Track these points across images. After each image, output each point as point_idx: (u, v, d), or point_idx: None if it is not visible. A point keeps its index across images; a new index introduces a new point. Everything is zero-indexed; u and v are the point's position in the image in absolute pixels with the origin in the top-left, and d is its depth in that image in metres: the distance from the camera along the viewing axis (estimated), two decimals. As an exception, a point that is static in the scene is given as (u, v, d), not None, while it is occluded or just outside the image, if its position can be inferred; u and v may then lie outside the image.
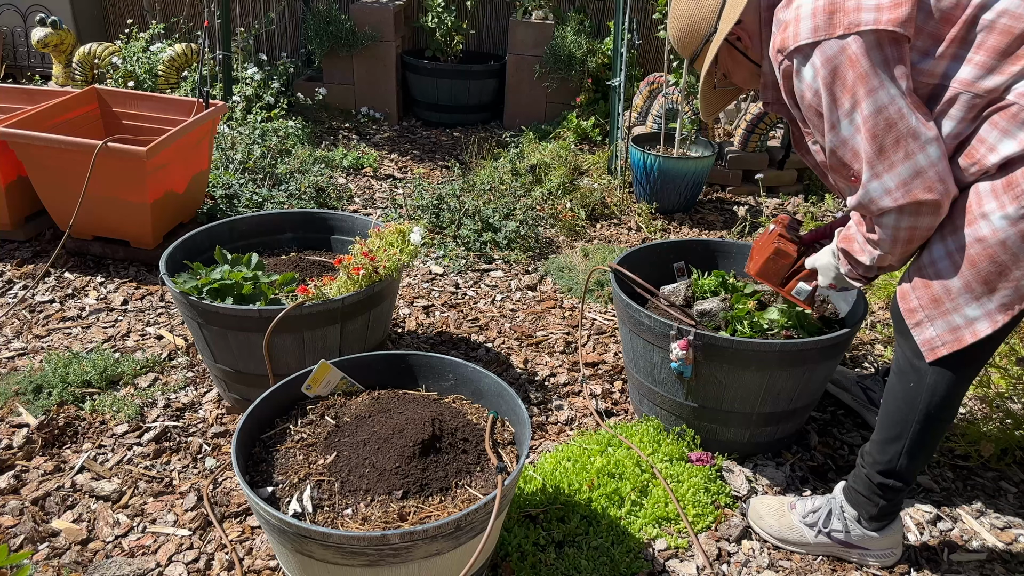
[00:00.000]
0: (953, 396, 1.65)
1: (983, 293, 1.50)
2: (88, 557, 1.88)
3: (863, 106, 1.45)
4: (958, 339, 1.55)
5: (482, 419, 1.85)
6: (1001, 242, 1.45)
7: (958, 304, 1.54)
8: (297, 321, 2.09)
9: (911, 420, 1.69)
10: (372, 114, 5.36)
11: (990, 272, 1.48)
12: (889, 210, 1.50)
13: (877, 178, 1.48)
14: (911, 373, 1.67)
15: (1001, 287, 1.49)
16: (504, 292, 3.21)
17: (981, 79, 1.43)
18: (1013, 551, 2.01)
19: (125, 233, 3.14)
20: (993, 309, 1.50)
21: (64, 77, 4.81)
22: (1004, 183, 1.44)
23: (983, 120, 1.46)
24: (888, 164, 1.46)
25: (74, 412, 2.34)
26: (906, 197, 1.47)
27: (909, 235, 1.54)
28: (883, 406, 1.77)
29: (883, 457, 1.76)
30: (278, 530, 1.48)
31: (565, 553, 1.89)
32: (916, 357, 1.65)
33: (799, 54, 1.49)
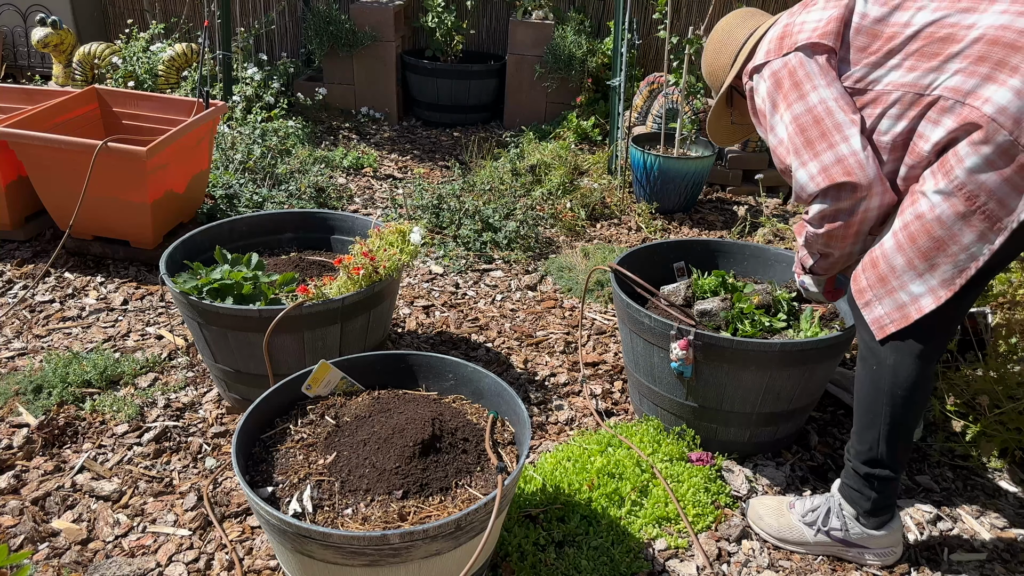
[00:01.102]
0: (917, 376, 1.69)
1: (925, 269, 1.59)
2: (88, 557, 1.88)
3: (795, 106, 1.69)
4: (904, 316, 1.64)
5: (482, 419, 1.85)
6: (937, 217, 1.55)
7: (903, 281, 1.63)
8: (297, 321, 2.09)
9: (881, 404, 1.74)
10: (372, 114, 5.36)
11: (929, 248, 1.58)
12: (814, 194, 1.68)
13: (803, 167, 1.68)
14: (871, 358, 1.74)
15: (941, 262, 1.58)
16: (504, 292, 3.21)
17: (912, 79, 1.59)
18: (1013, 551, 2.01)
19: (125, 233, 3.14)
20: (936, 285, 1.59)
21: (64, 77, 4.81)
22: (938, 164, 1.56)
23: (921, 117, 1.59)
24: (813, 154, 1.66)
25: (74, 412, 2.34)
26: (826, 180, 1.64)
27: (834, 216, 1.69)
28: (855, 395, 1.82)
29: (863, 446, 1.80)
30: (278, 530, 1.48)
31: (565, 553, 1.89)
32: (872, 340, 1.72)
33: (756, 73, 1.80)
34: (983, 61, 1.50)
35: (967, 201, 1.52)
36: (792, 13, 1.80)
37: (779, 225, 3.72)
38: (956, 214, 1.53)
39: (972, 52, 1.52)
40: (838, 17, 1.68)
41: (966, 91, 1.51)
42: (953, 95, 1.53)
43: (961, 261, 1.56)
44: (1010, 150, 1.47)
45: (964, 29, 1.55)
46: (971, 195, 1.51)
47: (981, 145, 1.49)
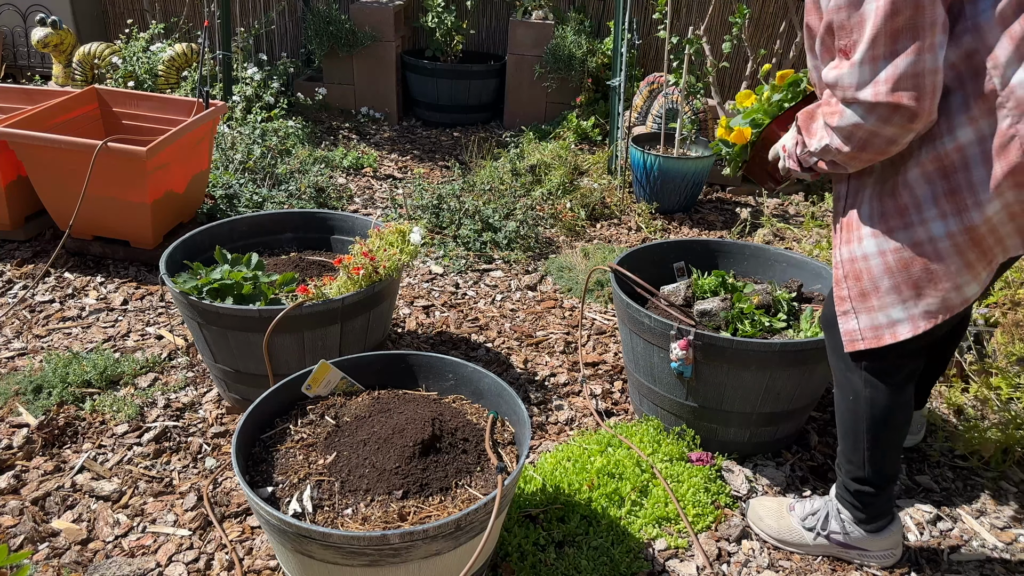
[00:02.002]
0: (893, 405, 1.68)
1: (910, 297, 1.51)
2: (88, 557, 1.88)
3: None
4: (877, 337, 1.57)
5: (482, 419, 1.85)
6: (937, 251, 1.46)
7: (884, 303, 1.55)
8: (297, 321, 2.10)
9: (861, 431, 1.72)
10: (372, 114, 5.36)
11: (920, 278, 1.49)
12: (862, 102, 1.34)
13: (871, 62, 1.31)
14: (847, 387, 1.72)
15: (929, 295, 1.50)
16: (504, 292, 3.21)
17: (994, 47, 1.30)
18: (1013, 551, 2.01)
19: (125, 233, 3.14)
20: (917, 315, 1.52)
21: (64, 77, 4.81)
22: (947, 190, 1.42)
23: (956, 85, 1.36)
24: (890, 51, 1.29)
25: (74, 412, 2.34)
26: (888, 96, 1.31)
27: (866, 139, 1.39)
28: (837, 419, 1.80)
29: (851, 467, 1.80)
30: (278, 530, 1.48)
31: (565, 553, 1.89)
32: (847, 368, 1.69)
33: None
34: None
35: (976, 243, 1.43)
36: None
37: (779, 225, 3.72)
38: (959, 252, 1.44)
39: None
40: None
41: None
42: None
43: (950, 298, 1.49)
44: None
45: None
46: (986, 234, 1.41)
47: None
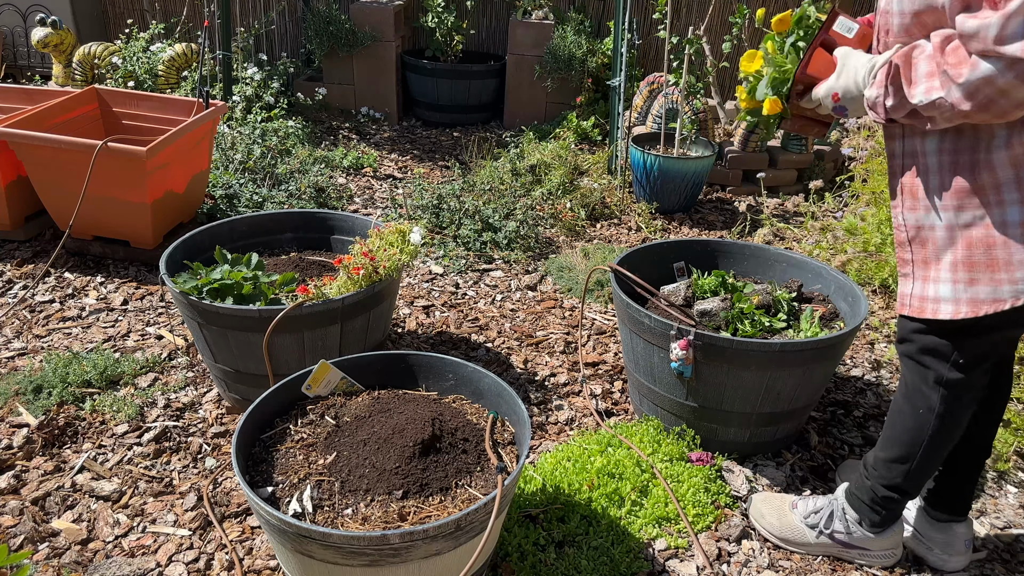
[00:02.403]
0: (962, 419, 1.64)
1: (962, 280, 1.46)
2: (88, 557, 1.88)
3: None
4: (920, 308, 1.53)
5: (482, 419, 1.85)
6: (1005, 237, 1.39)
7: (938, 276, 1.50)
8: (297, 321, 2.10)
9: (919, 445, 1.68)
10: (372, 114, 5.36)
11: (980, 262, 1.43)
12: (1006, 56, 1.19)
13: (1018, 15, 1.16)
14: (920, 400, 1.65)
15: (982, 281, 1.43)
16: (504, 292, 3.21)
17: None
18: (1013, 551, 2.01)
19: (125, 233, 3.14)
20: (964, 299, 1.46)
21: (64, 77, 4.81)
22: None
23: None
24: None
25: (74, 412, 2.34)
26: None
27: (993, 98, 1.25)
28: (890, 426, 1.74)
29: (889, 474, 1.76)
30: (278, 530, 1.48)
31: (565, 553, 1.89)
32: (924, 383, 1.63)
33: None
34: None
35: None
36: None
37: (779, 225, 3.72)
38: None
39: None
40: None
41: None
42: None
43: (1002, 291, 1.42)
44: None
45: None
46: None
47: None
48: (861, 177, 3.39)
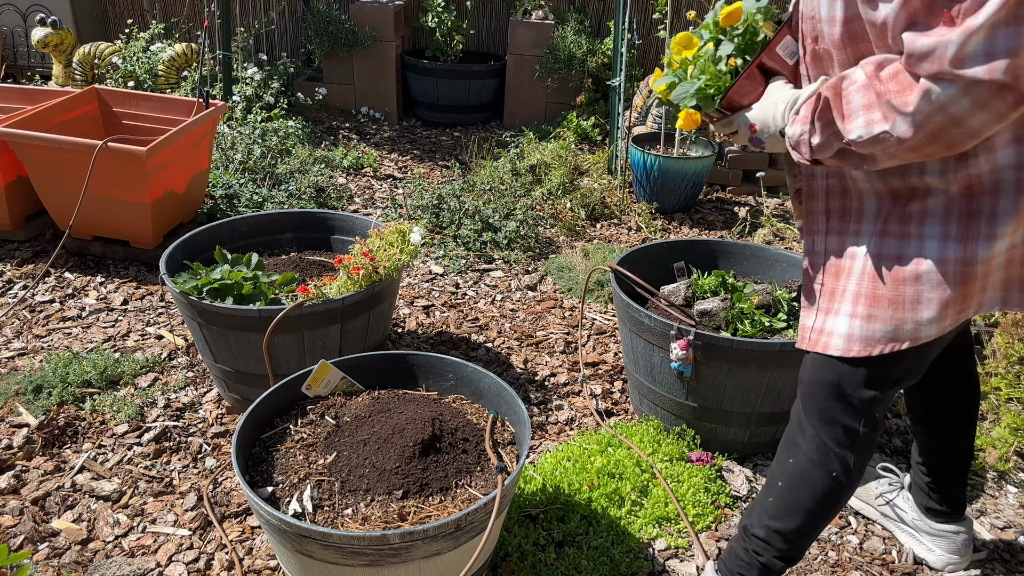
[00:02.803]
0: (865, 467, 1.48)
1: (861, 315, 1.32)
2: (88, 557, 1.88)
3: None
4: (813, 340, 1.40)
5: (482, 419, 1.85)
6: (917, 273, 1.25)
7: (839, 308, 1.36)
8: (297, 321, 2.09)
9: (829, 508, 1.51)
10: (372, 114, 5.36)
11: (882, 296, 1.29)
12: (963, 78, 1.03)
13: (990, 29, 0.99)
14: (833, 459, 1.47)
15: (880, 318, 1.29)
16: (504, 292, 3.21)
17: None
18: (1013, 551, 2.01)
19: (125, 233, 3.14)
20: (857, 335, 1.32)
21: (64, 77, 4.81)
22: (964, 211, 1.20)
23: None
24: (1016, 15, 0.98)
25: (74, 412, 2.34)
26: (1007, 74, 1.00)
27: (944, 127, 1.09)
28: (790, 493, 1.51)
29: (786, 546, 1.55)
30: (278, 530, 1.48)
31: (565, 553, 1.89)
32: (833, 438, 1.45)
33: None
34: None
35: (964, 281, 1.22)
36: None
37: (779, 225, 3.72)
38: (941, 284, 1.23)
39: None
40: None
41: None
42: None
43: (903, 329, 1.28)
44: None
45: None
46: (979, 275, 1.21)
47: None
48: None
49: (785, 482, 1.52)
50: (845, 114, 1.18)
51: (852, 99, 1.17)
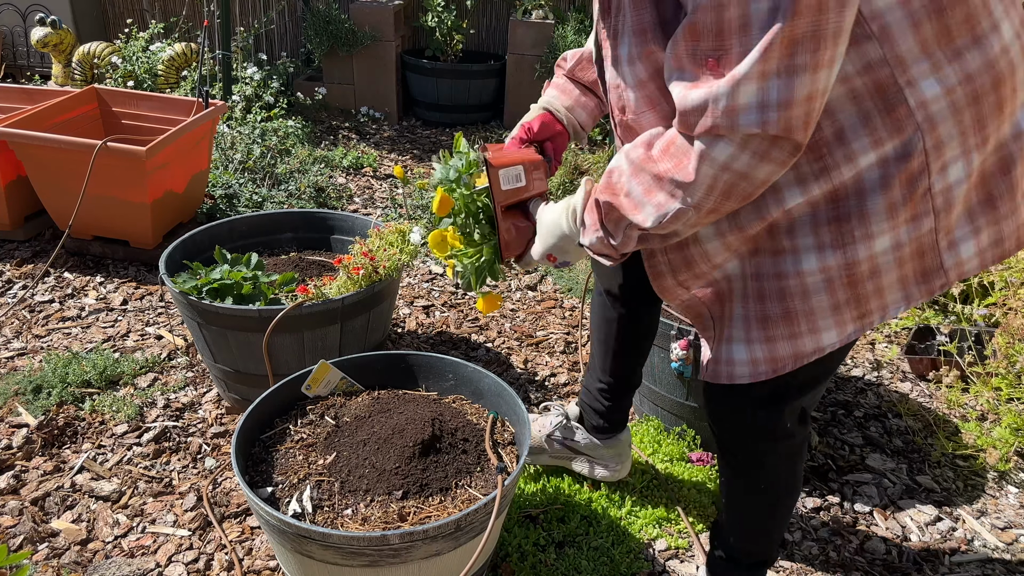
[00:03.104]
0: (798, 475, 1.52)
1: (759, 339, 1.24)
2: (88, 557, 1.87)
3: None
4: (717, 373, 1.31)
5: (482, 419, 1.84)
6: (803, 286, 1.17)
7: (732, 335, 1.27)
8: (297, 321, 2.09)
9: (786, 513, 1.59)
10: (372, 114, 5.36)
11: (773, 314, 1.21)
12: (739, 133, 0.98)
13: (760, 79, 0.94)
14: (772, 475, 1.51)
15: (779, 339, 1.22)
16: (504, 292, 3.21)
17: (905, 43, 1.01)
18: (1014, 551, 2.01)
19: (125, 233, 3.14)
20: (761, 358, 1.25)
21: (64, 77, 4.81)
22: (833, 217, 1.13)
23: (854, 100, 1.05)
24: (787, 64, 0.93)
25: (74, 412, 2.34)
26: (777, 127, 0.96)
27: (733, 184, 1.04)
28: (748, 518, 1.60)
29: (768, 551, 1.66)
30: (278, 530, 1.48)
31: (565, 553, 1.89)
32: (767, 454, 1.47)
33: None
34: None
35: (852, 283, 1.17)
36: None
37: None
38: (829, 290, 1.17)
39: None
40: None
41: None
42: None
43: (802, 344, 1.22)
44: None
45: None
46: (866, 275, 1.16)
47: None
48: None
49: (742, 513, 1.59)
50: (629, 208, 1.14)
51: (630, 192, 1.13)
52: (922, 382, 2.69)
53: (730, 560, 1.67)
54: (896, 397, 2.61)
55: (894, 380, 2.71)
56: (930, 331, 2.71)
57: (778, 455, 1.45)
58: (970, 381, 2.46)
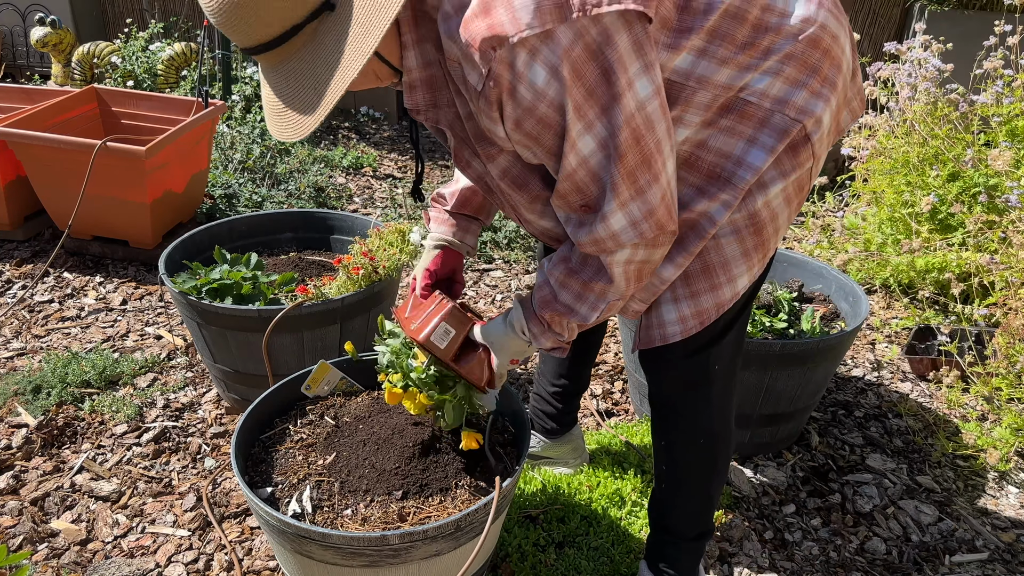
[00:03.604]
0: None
1: (685, 295, 1.36)
2: (87, 557, 1.87)
3: (614, 113, 1.09)
4: (650, 338, 1.41)
5: (481, 419, 1.84)
6: (716, 241, 1.31)
7: (659, 299, 1.39)
8: (297, 321, 2.09)
9: (721, 475, 1.62)
10: (372, 113, 5.35)
11: (695, 272, 1.34)
12: (627, 246, 1.19)
13: (623, 207, 1.14)
14: (703, 433, 1.55)
15: (703, 292, 1.34)
16: (504, 292, 3.21)
17: (720, 74, 1.19)
18: (1014, 551, 2.01)
19: (124, 233, 3.14)
20: (688, 314, 1.37)
21: (63, 76, 4.80)
22: (753, 229, 1.30)
23: (715, 126, 1.22)
24: (636, 188, 1.14)
25: (73, 412, 2.33)
26: (654, 229, 1.17)
27: (640, 270, 1.25)
28: (685, 488, 1.62)
29: (706, 522, 1.67)
30: (277, 531, 1.48)
31: (565, 554, 1.88)
32: (698, 414, 1.53)
33: (523, 49, 1.04)
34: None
35: (757, 230, 1.32)
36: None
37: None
38: (739, 239, 1.32)
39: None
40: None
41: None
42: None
43: (722, 294, 1.35)
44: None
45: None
46: (767, 220, 1.32)
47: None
48: (862, 176, 3.39)
49: (672, 481, 1.61)
50: (567, 313, 1.31)
51: (564, 301, 1.30)
52: (922, 382, 2.69)
53: (674, 535, 1.66)
54: (896, 397, 2.61)
55: (894, 380, 2.71)
56: (930, 331, 2.71)
57: (710, 401, 1.50)
58: (970, 381, 2.46)
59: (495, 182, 1.32)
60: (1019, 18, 3.51)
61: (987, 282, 2.62)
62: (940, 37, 3.21)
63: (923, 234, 2.90)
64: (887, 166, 3.15)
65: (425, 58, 1.19)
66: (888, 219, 3.13)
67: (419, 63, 1.20)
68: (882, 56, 3.77)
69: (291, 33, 1.11)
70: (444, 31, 1.11)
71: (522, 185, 1.29)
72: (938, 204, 2.87)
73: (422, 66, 1.20)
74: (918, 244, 2.83)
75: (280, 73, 1.16)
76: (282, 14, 1.09)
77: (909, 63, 3.08)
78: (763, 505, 2.12)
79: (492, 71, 1.07)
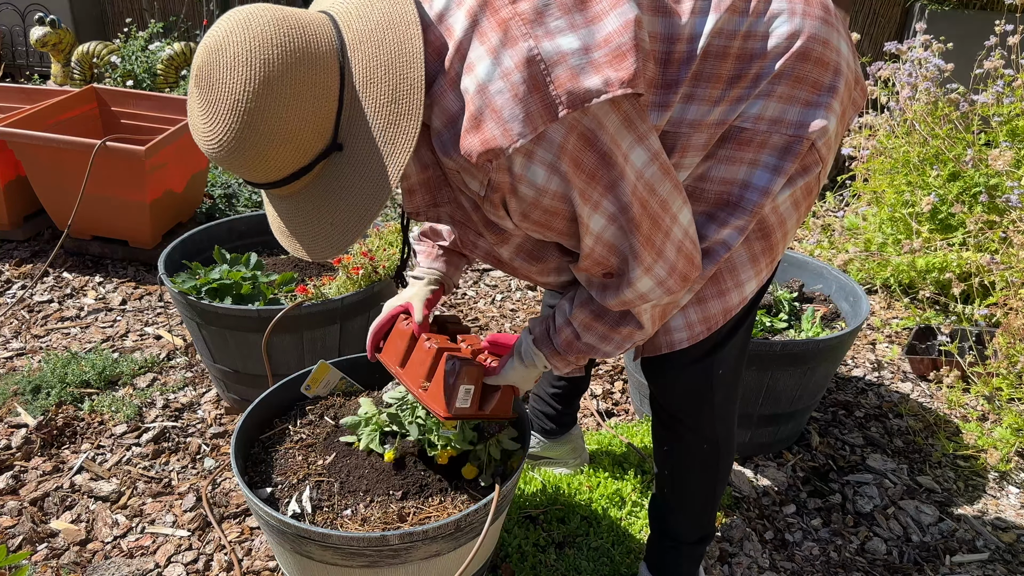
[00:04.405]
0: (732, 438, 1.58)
1: (692, 301, 1.35)
2: (87, 558, 1.87)
3: (619, 190, 1.11)
4: (656, 346, 1.40)
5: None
6: (728, 253, 1.29)
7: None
8: (296, 321, 2.09)
9: (720, 486, 1.62)
10: (371, 113, 5.34)
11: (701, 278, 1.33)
12: (655, 301, 1.23)
13: (648, 272, 1.17)
14: (704, 445, 1.55)
15: (710, 298, 1.34)
16: (504, 292, 3.20)
17: (712, 114, 1.19)
18: (1015, 551, 2.01)
19: (124, 233, 3.13)
20: (695, 320, 1.36)
21: (63, 76, 4.80)
22: (760, 234, 1.29)
23: (714, 158, 1.23)
24: (656, 251, 1.16)
25: (73, 412, 2.33)
26: (680, 282, 1.20)
27: (664, 310, 1.29)
28: (687, 497, 1.62)
29: (708, 526, 1.67)
30: (277, 531, 1.48)
31: (565, 554, 1.88)
32: (700, 425, 1.52)
33: (519, 155, 1.06)
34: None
35: (765, 234, 1.31)
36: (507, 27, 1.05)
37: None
38: (746, 244, 1.31)
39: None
40: (637, 33, 1.07)
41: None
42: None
43: (733, 298, 1.34)
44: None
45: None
46: (775, 225, 1.31)
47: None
48: (862, 176, 3.39)
49: (674, 490, 1.61)
50: (590, 352, 1.33)
51: (587, 341, 1.31)
52: (923, 382, 2.69)
53: (675, 539, 1.66)
54: (897, 397, 2.61)
55: (895, 380, 2.71)
56: (931, 331, 2.71)
57: (714, 407, 1.49)
58: (971, 381, 2.46)
59: (506, 257, 1.32)
60: (1019, 18, 3.50)
61: (987, 282, 2.62)
62: (940, 37, 3.21)
63: (923, 234, 2.90)
64: (887, 166, 3.15)
65: (422, 162, 1.19)
66: (888, 219, 3.13)
67: (417, 168, 1.20)
68: (882, 56, 3.78)
69: (300, 174, 1.10)
70: (438, 147, 1.12)
71: (538, 258, 1.31)
72: (938, 204, 2.87)
73: (420, 170, 1.20)
74: (918, 244, 2.82)
75: (289, 203, 1.16)
76: (291, 157, 1.07)
77: (909, 63, 3.08)
78: (763, 505, 2.12)
79: (492, 180, 1.09)
